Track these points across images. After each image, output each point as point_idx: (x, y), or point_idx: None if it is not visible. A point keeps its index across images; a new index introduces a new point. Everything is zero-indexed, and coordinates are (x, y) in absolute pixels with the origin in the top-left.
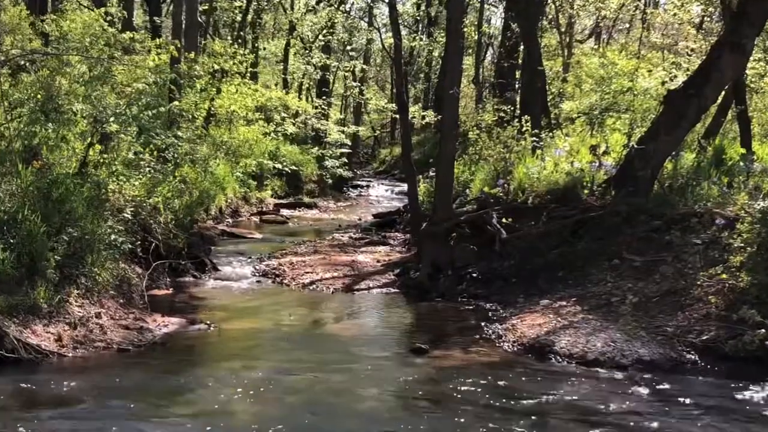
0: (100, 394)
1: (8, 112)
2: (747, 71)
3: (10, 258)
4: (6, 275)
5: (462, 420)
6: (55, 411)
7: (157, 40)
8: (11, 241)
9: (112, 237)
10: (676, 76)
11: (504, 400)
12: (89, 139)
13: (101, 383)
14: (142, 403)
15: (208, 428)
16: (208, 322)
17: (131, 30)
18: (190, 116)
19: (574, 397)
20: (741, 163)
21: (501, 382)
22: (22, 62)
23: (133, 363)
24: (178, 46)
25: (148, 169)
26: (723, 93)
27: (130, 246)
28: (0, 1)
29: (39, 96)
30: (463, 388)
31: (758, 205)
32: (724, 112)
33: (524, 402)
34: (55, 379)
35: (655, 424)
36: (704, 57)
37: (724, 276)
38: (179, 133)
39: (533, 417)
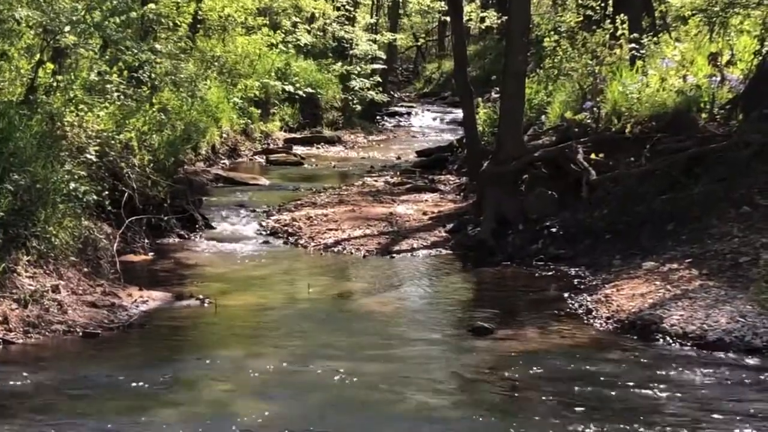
0: (60, 391)
1: None
2: None
3: None
4: None
5: (538, 425)
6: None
7: None
8: None
9: (72, 186)
10: None
11: (595, 396)
12: (38, 55)
13: (62, 377)
14: (114, 404)
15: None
16: (201, 297)
17: None
18: (171, 23)
19: (690, 391)
20: None
21: (591, 372)
22: None
23: (102, 351)
24: None
25: (116, 94)
26: None
27: (95, 197)
28: None
29: None
30: (539, 381)
31: None
32: None
33: (623, 398)
34: (1, 372)
35: None
36: None
37: None
38: (157, 46)
39: (636, 418)
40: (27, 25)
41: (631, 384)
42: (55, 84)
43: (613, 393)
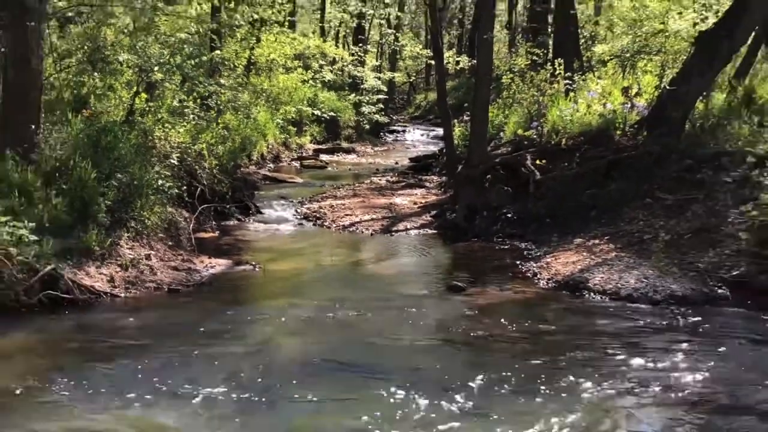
0: (152, 332)
1: (57, 62)
2: None
3: (63, 203)
4: (59, 220)
5: (498, 355)
6: (110, 348)
7: None
8: (63, 187)
9: (159, 182)
10: (707, 18)
11: (539, 336)
12: (135, 88)
13: (153, 322)
14: (192, 341)
15: (255, 364)
16: (253, 263)
17: None
18: (232, 65)
19: (608, 332)
20: None
21: (536, 318)
22: (70, 14)
23: (182, 302)
24: None
25: (192, 116)
26: (753, 34)
27: (176, 191)
28: None
29: (86, 47)
30: (499, 324)
31: None
32: (754, 52)
33: (559, 337)
34: (109, 318)
35: (686, 356)
36: None
37: (754, 213)
38: (221, 81)
39: (568, 352)
40: (127, 65)
41: (563, 325)
42: (147, 108)
43: (550, 331)
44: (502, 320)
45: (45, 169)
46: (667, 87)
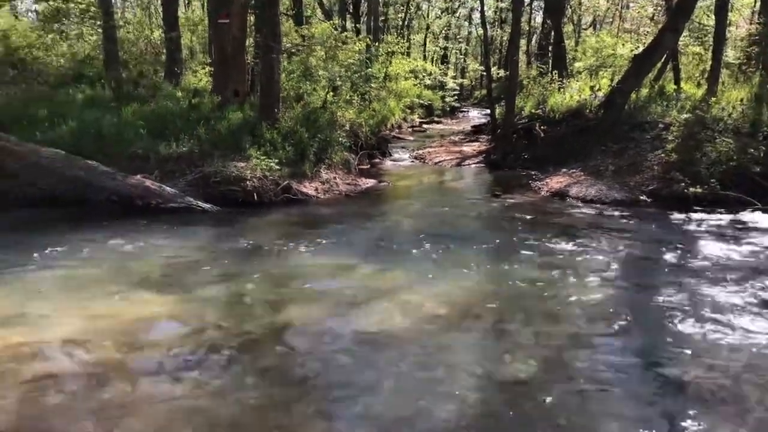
0: (338, 215)
1: (287, 76)
2: (679, 42)
3: (291, 150)
4: (290, 159)
5: (519, 228)
6: (318, 222)
7: (359, 36)
8: (292, 141)
9: (339, 139)
10: (638, 47)
11: (542, 218)
12: (327, 89)
13: (338, 210)
14: (358, 219)
15: (391, 231)
16: (387, 181)
17: (344, 31)
18: (377, 76)
19: (578, 216)
20: (674, 94)
21: (539, 211)
22: (292, 51)
23: (352, 200)
24: (370, 39)
25: (356, 104)
26: (665, 55)
27: (348, 144)
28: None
29: (301, 68)
30: (519, 213)
31: (682, 116)
32: (665, 65)
33: (554, 219)
34: (316, 208)
35: (617, 227)
36: (655, 35)
37: (662, 155)
38: (372, 85)
39: (558, 226)
40: (323, 78)
41: (553, 214)
42: (333, 101)
43: (546, 217)
44: (521, 212)
45: (282, 132)
46: (616, 85)
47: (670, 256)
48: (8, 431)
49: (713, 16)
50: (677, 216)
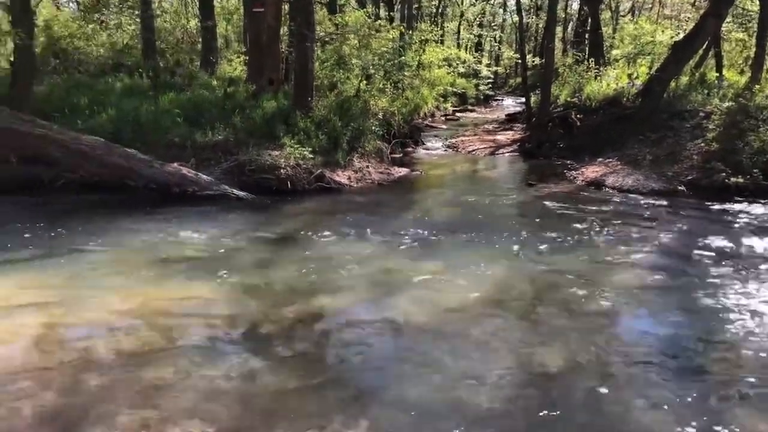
0: (371, 203)
1: (320, 65)
2: (722, 28)
3: (325, 139)
4: (323, 147)
5: (554, 217)
6: (351, 211)
7: (392, 24)
8: (325, 130)
9: (372, 128)
10: (679, 33)
11: (577, 208)
12: (360, 78)
13: (371, 198)
14: (390, 208)
15: (423, 219)
16: (420, 170)
17: (378, 19)
18: (410, 65)
19: (614, 206)
20: (716, 82)
21: (574, 201)
22: (326, 39)
23: (385, 189)
24: (403, 27)
25: (389, 93)
26: (706, 41)
27: (381, 132)
28: (312, 6)
29: (334, 56)
30: (553, 203)
31: (724, 105)
32: (706, 52)
33: (589, 209)
34: (349, 196)
35: (655, 217)
36: (696, 21)
37: (702, 144)
38: (405, 74)
39: (593, 215)
40: (356, 66)
41: (589, 204)
42: (366, 89)
43: (581, 206)
44: (555, 201)
45: (316, 121)
46: (654, 73)
47: (710, 248)
48: (52, 409)
49: (758, 1)
50: (717, 207)
